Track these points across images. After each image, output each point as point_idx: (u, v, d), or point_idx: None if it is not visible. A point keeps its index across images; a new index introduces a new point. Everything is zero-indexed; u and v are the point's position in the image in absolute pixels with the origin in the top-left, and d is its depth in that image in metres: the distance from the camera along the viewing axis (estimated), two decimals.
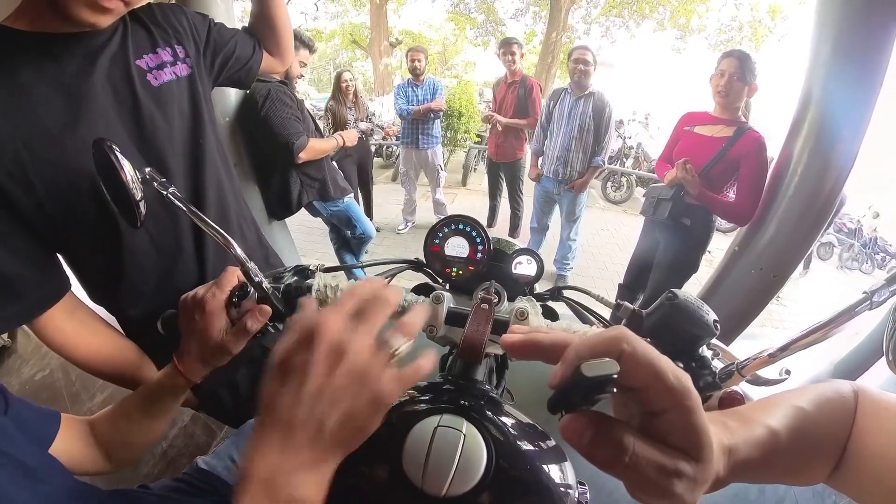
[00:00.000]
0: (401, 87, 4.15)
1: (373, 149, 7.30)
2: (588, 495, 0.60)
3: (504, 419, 0.63)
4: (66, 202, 0.73)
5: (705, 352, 0.58)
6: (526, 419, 0.67)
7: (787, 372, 0.51)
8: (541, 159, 3.45)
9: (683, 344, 0.57)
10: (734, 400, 0.52)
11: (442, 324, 0.64)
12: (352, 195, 2.70)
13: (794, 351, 0.47)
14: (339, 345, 0.37)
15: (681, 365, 0.56)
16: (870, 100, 1.49)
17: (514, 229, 4.30)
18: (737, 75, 1.96)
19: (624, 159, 8.05)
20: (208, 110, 0.96)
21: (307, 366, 0.36)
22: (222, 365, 0.70)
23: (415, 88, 4.05)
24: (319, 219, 2.82)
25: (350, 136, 2.64)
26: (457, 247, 0.77)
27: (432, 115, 4.06)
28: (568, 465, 0.61)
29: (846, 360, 2.86)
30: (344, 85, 3.87)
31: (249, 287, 0.65)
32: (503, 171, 4.20)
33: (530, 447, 0.61)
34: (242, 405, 0.93)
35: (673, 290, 0.57)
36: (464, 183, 7.00)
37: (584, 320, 0.72)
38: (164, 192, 0.60)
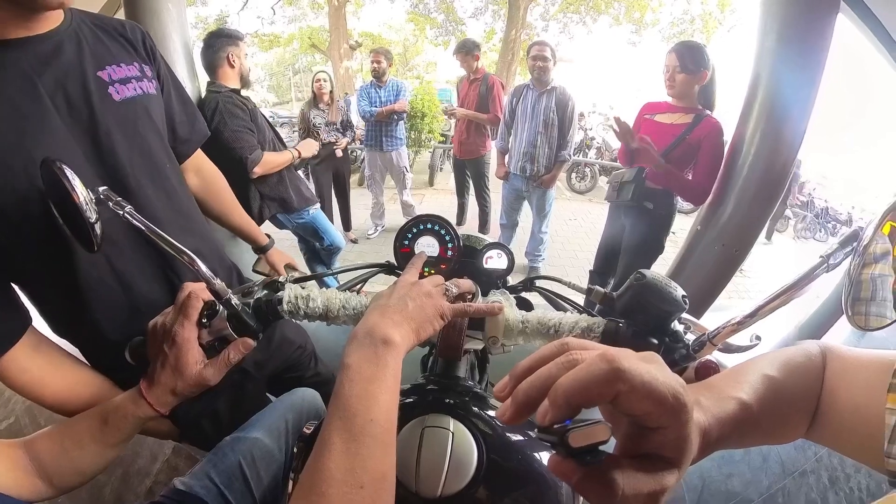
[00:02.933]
0: (364, 89, 4.11)
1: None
2: None
3: (491, 413, 0.64)
4: (15, 228, 0.67)
5: (677, 326, 0.60)
6: None
7: (758, 338, 0.53)
8: (507, 157, 3.44)
9: (655, 320, 0.58)
10: (709, 369, 0.54)
11: None
12: (318, 205, 2.59)
13: (760, 317, 0.49)
14: (417, 280, 0.62)
15: (655, 341, 0.58)
16: (814, 82, 1.58)
17: (483, 225, 4.33)
18: (677, 67, 2.06)
19: (586, 150, 8.23)
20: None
21: (399, 284, 0.60)
22: (196, 395, 0.67)
23: (378, 90, 4.01)
24: (287, 231, 2.71)
25: (307, 147, 2.51)
26: (427, 246, 0.76)
27: (395, 117, 4.03)
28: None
29: (809, 322, 3.05)
30: (316, 85, 3.75)
31: (218, 305, 0.63)
32: (468, 169, 4.22)
33: (520, 437, 0.62)
34: (225, 433, 0.88)
35: (641, 270, 0.58)
36: (431, 183, 6.99)
37: (559, 307, 0.73)
38: (121, 212, 0.57)
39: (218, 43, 2.12)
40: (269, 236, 1.38)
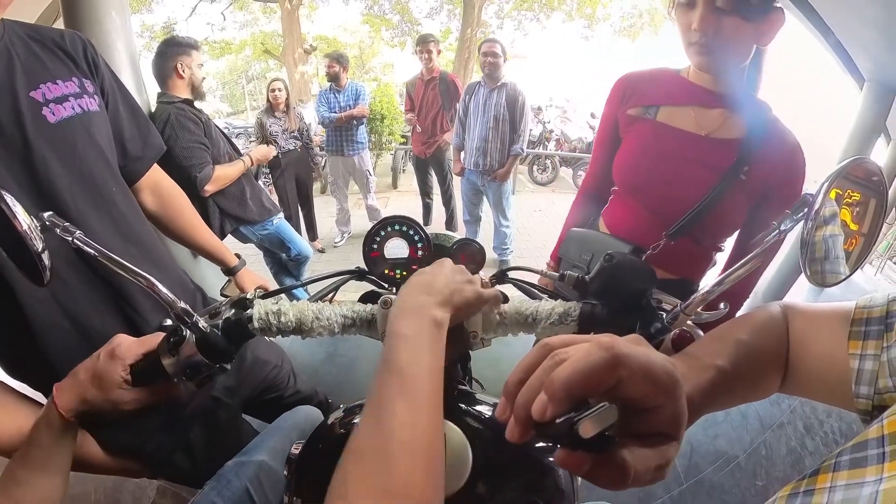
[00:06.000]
0: (323, 94, 4.04)
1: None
2: None
3: (479, 408, 0.65)
4: None
5: (649, 302, 0.61)
6: (493, 399, 0.69)
7: (726, 305, 0.55)
8: (463, 153, 3.50)
9: (629, 299, 0.59)
10: (685, 339, 0.56)
11: None
12: (281, 215, 2.51)
13: (726, 286, 0.51)
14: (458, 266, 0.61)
15: (631, 318, 0.59)
16: (758, 68, 1.66)
17: (449, 221, 4.34)
18: None
19: (546, 143, 8.42)
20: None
21: (443, 265, 0.60)
22: (103, 415, 0.62)
23: (337, 94, 3.96)
24: (251, 245, 2.59)
25: (259, 154, 2.42)
26: (396, 248, 0.75)
27: (355, 122, 3.99)
28: None
29: (770, 286, 3.25)
30: (272, 94, 3.68)
31: (184, 330, 0.59)
32: (432, 166, 4.22)
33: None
34: (201, 465, 0.84)
35: (609, 252, 0.60)
36: (394, 185, 6.97)
37: (533, 296, 0.73)
38: (70, 238, 0.53)
39: (168, 51, 2.02)
40: (238, 256, 1.28)
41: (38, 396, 0.78)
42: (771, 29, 0.92)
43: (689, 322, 0.55)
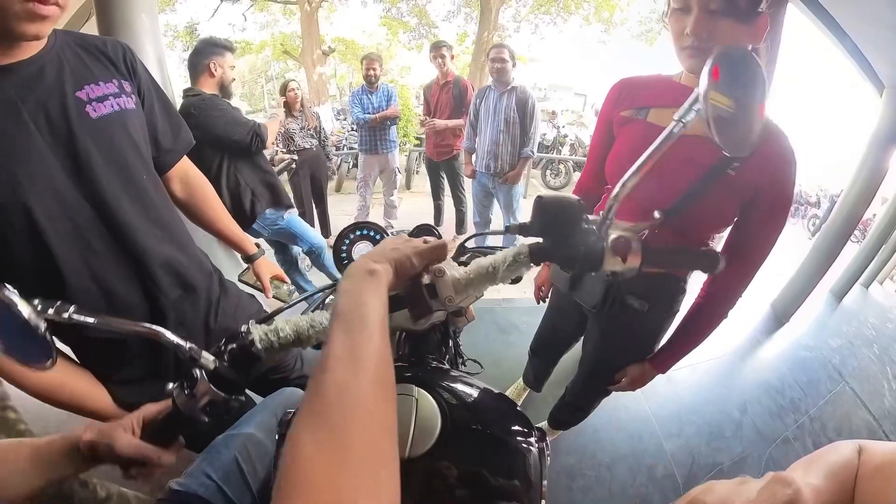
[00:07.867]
0: (356, 95, 4.15)
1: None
2: (548, 444, 0.67)
3: (456, 385, 0.70)
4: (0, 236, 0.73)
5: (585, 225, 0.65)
6: (479, 382, 0.74)
7: (661, 214, 0.67)
8: (474, 156, 3.55)
9: (565, 228, 0.64)
10: (623, 246, 0.60)
11: None
12: (294, 211, 2.61)
13: (629, 187, 0.59)
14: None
15: (574, 243, 0.63)
16: (770, 69, 1.70)
17: (460, 224, 4.38)
18: (714, 2, 0.88)
19: (559, 147, 8.42)
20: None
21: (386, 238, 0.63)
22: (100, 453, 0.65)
23: (370, 95, 4.07)
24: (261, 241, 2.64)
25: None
26: (363, 251, 0.81)
27: (388, 122, 4.10)
28: (527, 420, 0.69)
29: (781, 299, 3.27)
30: (291, 94, 3.80)
31: (195, 371, 0.59)
32: (443, 170, 4.28)
33: (485, 406, 0.69)
34: (207, 431, 0.84)
35: (539, 195, 0.65)
36: (407, 186, 7.03)
37: (487, 255, 0.79)
38: (67, 314, 0.52)
39: (204, 50, 2.15)
40: (258, 245, 1.35)
41: (66, 350, 0.90)
42: (760, 31, 0.93)
43: (620, 229, 0.61)
